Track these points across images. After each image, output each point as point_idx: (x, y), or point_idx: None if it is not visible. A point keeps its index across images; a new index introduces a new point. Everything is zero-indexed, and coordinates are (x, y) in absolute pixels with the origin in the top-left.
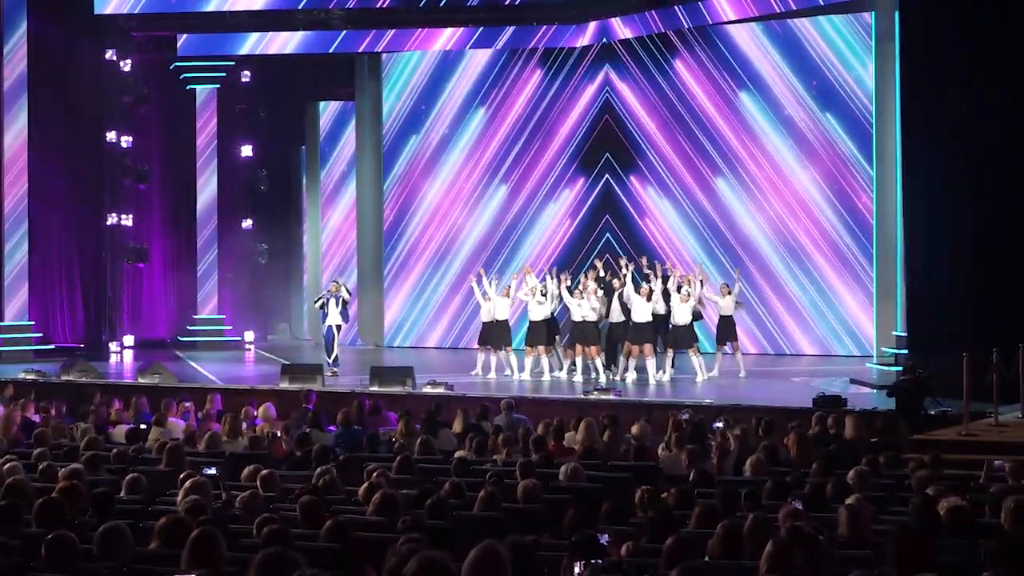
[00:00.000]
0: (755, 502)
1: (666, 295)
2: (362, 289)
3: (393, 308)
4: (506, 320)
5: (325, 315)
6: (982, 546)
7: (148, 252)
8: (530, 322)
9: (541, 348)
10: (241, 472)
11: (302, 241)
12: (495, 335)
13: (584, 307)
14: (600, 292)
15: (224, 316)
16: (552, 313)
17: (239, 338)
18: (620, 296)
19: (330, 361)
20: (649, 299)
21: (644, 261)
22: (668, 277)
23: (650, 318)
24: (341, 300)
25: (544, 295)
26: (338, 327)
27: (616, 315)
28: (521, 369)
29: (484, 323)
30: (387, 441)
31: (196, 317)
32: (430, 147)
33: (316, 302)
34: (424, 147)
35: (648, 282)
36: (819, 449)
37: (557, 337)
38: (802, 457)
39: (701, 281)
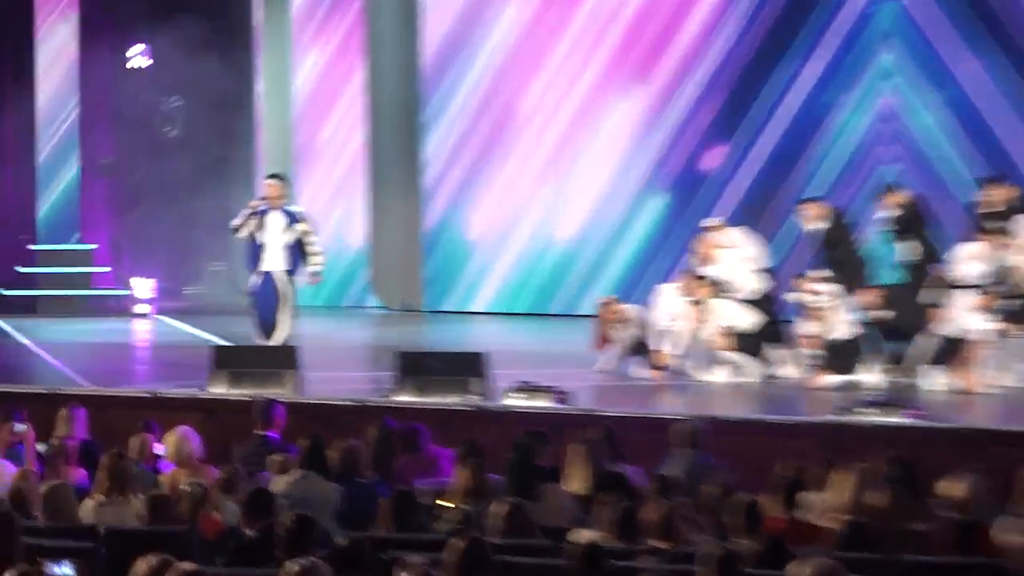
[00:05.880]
0: None
1: None
2: (380, 206)
3: (440, 242)
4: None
5: (258, 250)
6: None
7: None
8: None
9: None
10: (131, 569)
11: (253, 102)
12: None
13: None
14: None
15: (95, 246)
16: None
17: (125, 291)
18: None
19: (272, 340)
20: None
21: None
22: None
23: None
24: (293, 224)
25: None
26: (288, 274)
27: None
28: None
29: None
30: (432, 507)
31: (36, 249)
32: None
33: (236, 229)
34: None
35: None
36: None
37: None
38: None
39: None
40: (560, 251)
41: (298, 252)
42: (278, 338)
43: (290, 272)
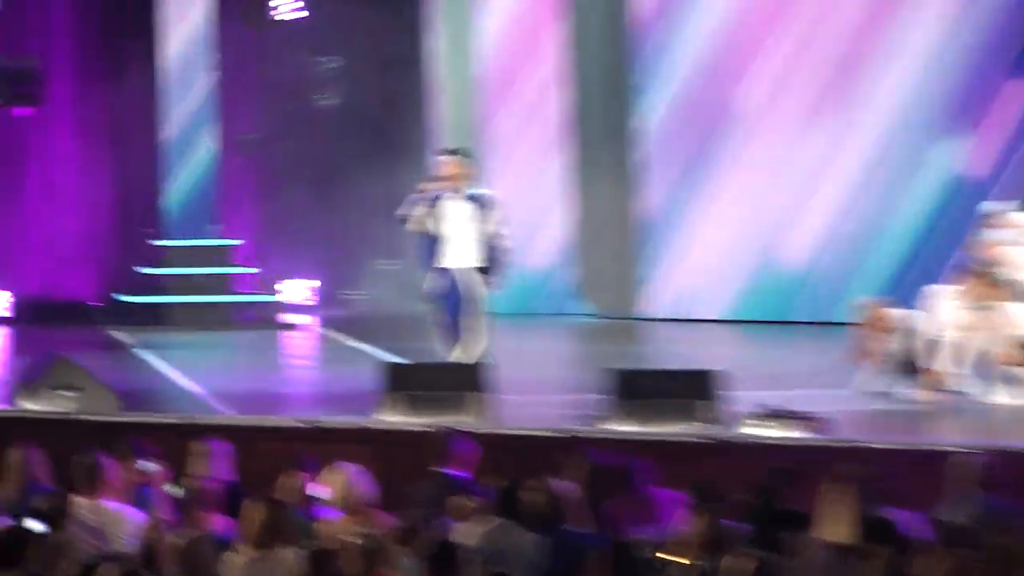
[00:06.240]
0: None
1: None
2: (584, 190)
3: (658, 233)
4: None
5: (435, 244)
6: None
7: (39, 80)
8: None
9: None
10: None
11: (427, 63)
12: None
13: None
14: None
15: (236, 241)
16: None
17: (272, 297)
18: None
19: (455, 356)
20: None
21: None
22: None
23: None
24: (479, 210)
25: None
26: (483, 272)
27: None
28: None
29: None
30: (654, 561)
31: (163, 245)
32: None
33: (404, 219)
34: None
35: None
36: None
37: None
38: None
39: None
40: (807, 242)
41: (486, 246)
42: (467, 353)
43: (480, 271)
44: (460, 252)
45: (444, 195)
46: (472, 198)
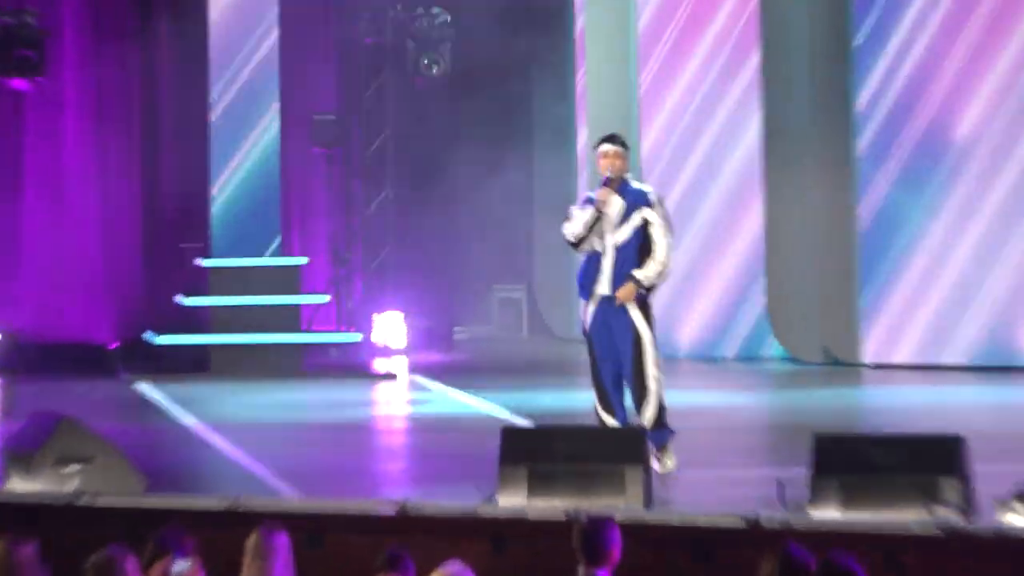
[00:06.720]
0: None
1: None
2: (783, 190)
3: (887, 252)
4: None
5: (596, 264)
6: None
7: (40, 42)
8: None
9: None
10: None
11: (569, 18)
12: None
13: None
14: None
15: (304, 260)
16: None
17: (355, 335)
18: None
19: (609, 418)
20: None
21: None
22: None
23: None
24: (633, 209)
25: None
26: (641, 306)
27: None
28: None
29: None
30: None
31: (209, 266)
32: None
33: (579, 241)
34: None
35: None
36: None
37: None
38: None
39: None
40: None
41: (645, 261)
42: (644, 413)
43: (640, 298)
44: (617, 273)
45: (603, 202)
46: (625, 192)
